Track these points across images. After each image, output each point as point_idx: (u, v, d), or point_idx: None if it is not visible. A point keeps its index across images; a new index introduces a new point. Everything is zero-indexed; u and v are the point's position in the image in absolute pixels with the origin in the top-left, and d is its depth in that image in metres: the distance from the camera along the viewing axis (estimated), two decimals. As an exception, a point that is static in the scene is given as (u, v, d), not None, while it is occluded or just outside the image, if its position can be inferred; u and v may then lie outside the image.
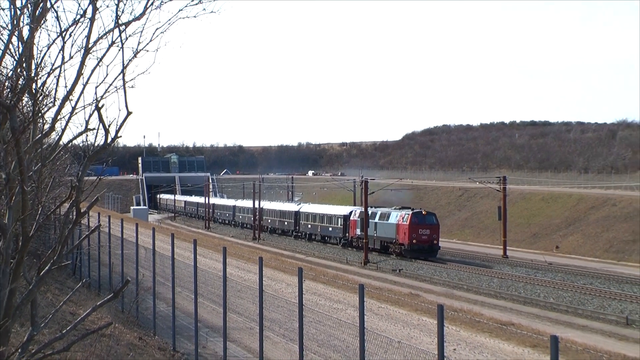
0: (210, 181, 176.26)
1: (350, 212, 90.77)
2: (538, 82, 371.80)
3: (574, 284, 59.36)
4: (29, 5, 11.17)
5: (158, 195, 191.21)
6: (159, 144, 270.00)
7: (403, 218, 77.29)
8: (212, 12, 12.18)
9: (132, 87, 11.49)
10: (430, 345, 17.97)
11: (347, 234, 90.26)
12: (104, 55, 11.52)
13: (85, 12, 11.49)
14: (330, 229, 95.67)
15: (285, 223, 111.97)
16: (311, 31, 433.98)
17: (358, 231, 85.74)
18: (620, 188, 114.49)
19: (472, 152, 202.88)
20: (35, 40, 11.33)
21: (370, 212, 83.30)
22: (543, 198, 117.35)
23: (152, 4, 11.69)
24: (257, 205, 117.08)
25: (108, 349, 19.30)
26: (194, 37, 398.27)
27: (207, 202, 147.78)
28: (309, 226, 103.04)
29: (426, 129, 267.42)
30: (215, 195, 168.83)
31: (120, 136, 11.48)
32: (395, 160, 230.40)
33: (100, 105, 11.19)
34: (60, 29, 11.56)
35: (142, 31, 11.65)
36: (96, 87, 11.40)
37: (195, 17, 12.07)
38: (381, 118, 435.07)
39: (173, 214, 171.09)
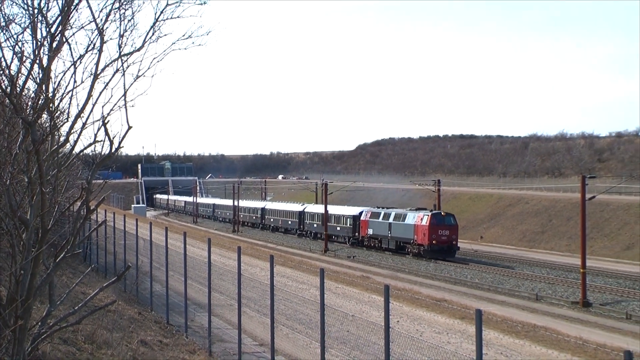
0: (198, 184, 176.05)
1: (361, 213, 79.70)
2: (466, 101, 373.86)
3: (494, 267, 59.76)
4: (47, 39, 11.19)
5: (154, 196, 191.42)
6: (155, 153, 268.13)
7: (422, 219, 66.61)
8: (200, 45, 12.25)
9: (133, 106, 11.53)
10: (378, 318, 18.00)
11: (356, 234, 79.46)
12: (110, 80, 11.56)
13: (94, 44, 11.55)
14: (338, 228, 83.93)
15: (289, 222, 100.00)
16: (280, 55, 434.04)
17: (371, 231, 75.67)
18: (531, 189, 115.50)
19: (413, 160, 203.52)
20: (53, 67, 11.38)
21: (383, 213, 74.47)
22: (470, 197, 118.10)
23: (149, 38, 11.76)
24: (236, 204, 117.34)
25: (113, 322, 19.22)
26: (185, 64, 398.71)
27: (194, 201, 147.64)
28: (315, 226, 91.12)
29: (375, 141, 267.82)
30: (202, 196, 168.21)
31: (123, 147, 11.51)
32: (350, 166, 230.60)
33: (106, 121, 11.22)
34: (73, 58, 11.62)
35: (141, 60, 11.74)
36: (103, 106, 11.46)
37: (186, 49, 12.13)
38: (339, 131, 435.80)
39: (167, 211, 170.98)
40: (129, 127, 11.30)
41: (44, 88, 11.26)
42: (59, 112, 12.35)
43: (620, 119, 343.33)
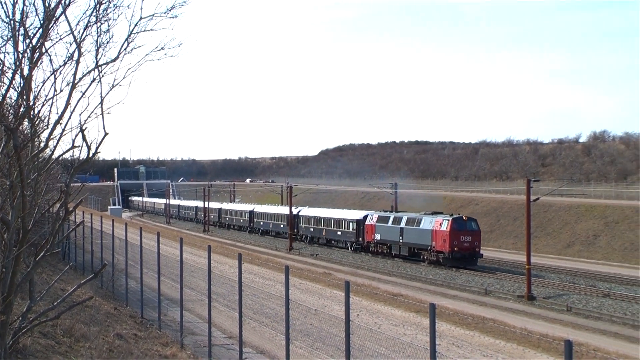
0: (170, 187, 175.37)
1: (365, 217, 71.47)
2: (421, 109, 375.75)
3: (446, 264, 59.95)
4: (28, 50, 11.14)
5: (130, 198, 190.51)
6: (130, 158, 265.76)
7: (441, 224, 57.99)
8: (172, 56, 12.23)
9: (109, 113, 11.50)
10: (339, 312, 18.03)
11: (360, 239, 71.26)
12: (87, 89, 11.52)
13: (72, 55, 11.51)
14: (339, 233, 76.22)
15: (281, 226, 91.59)
16: (247, 65, 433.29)
17: (378, 236, 66.96)
18: (481, 192, 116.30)
19: (372, 165, 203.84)
20: (33, 77, 11.32)
21: (392, 217, 66.17)
22: (424, 199, 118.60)
23: (124, 49, 11.74)
24: (206, 205, 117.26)
25: (90, 316, 19.07)
26: (159, 72, 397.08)
27: (167, 203, 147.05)
28: (311, 229, 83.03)
29: (337, 146, 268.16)
30: (175, 198, 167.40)
31: (99, 152, 11.45)
32: (313, 170, 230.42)
33: (83, 128, 11.18)
34: (53, 68, 11.59)
35: (117, 70, 11.71)
36: (80, 114, 11.42)
37: (159, 59, 12.11)
38: (303, 137, 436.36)
39: (141, 212, 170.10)
40: (106, 134, 11.26)
41: (25, 97, 11.20)
42: (39, 119, 12.36)
43: (561, 126, 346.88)
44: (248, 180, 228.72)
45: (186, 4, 12.06)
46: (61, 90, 11.63)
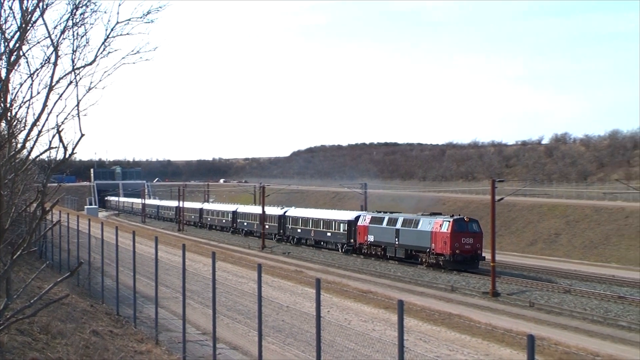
0: (146, 187, 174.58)
1: (357, 217, 67.52)
2: (390, 112, 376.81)
3: (414, 262, 60.01)
4: (6, 53, 11.07)
5: (106, 198, 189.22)
6: (106, 159, 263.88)
7: (441, 225, 54.13)
8: (147, 59, 12.18)
9: (85, 115, 11.42)
10: (311, 308, 18.06)
11: (351, 240, 67.36)
12: (64, 91, 11.44)
13: (49, 58, 11.45)
14: (328, 234, 72.04)
15: (267, 226, 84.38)
16: (222, 68, 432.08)
17: (371, 238, 63.04)
18: (448, 192, 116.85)
19: (342, 165, 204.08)
20: (11, 80, 11.24)
21: (387, 218, 62.19)
22: (393, 199, 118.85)
23: (101, 53, 11.69)
24: (181, 205, 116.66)
25: (67, 314, 18.93)
26: (135, 75, 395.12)
27: (143, 203, 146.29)
28: (299, 230, 78.90)
29: (308, 148, 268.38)
30: (150, 198, 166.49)
31: (76, 153, 11.37)
32: (285, 171, 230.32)
33: (60, 129, 11.09)
34: (30, 71, 11.52)
35: (93, 73, 11.66)
36: (57, 116, 11.35)
37: (134, 63, 12.07)
38: (275, 138, 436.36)
39: (117, 212, 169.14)
40: (82, 135, 11.18)
41: (2, 99, 11.11)
42: (16, 120, 12.30)
43: (525, 129, 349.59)
44: (222, 180, 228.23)
45: (162, 9, 12.02)
46: (38, 93, 11.58)
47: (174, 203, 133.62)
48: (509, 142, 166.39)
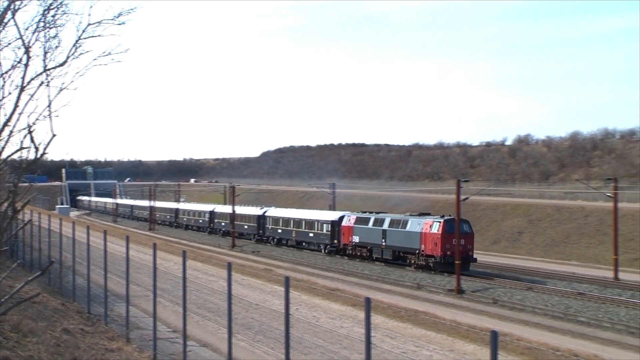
0: (117, 187, 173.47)
1: (341, 218, 64.81)
2: (358, 113, 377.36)
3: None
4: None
5: (78, 198, 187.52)
6: (78, 159, 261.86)
7: (431, 226, 51.70)
8: (119, 61, 12.12)
9: (57, 116, 11.34)
10: (280, 306, 18.05)
11: (335, 241, 64.70)
12: (35, 92, 11.36)
13: (21, 60, 11.35)
14: (311, 234, 69.27)
15: (246, 227, 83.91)
16: (192, 68, 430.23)
17: (357, 239, 60.60)
18: (414, 191, 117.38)
19: (311, 166, 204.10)
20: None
21: (373, 218, 59.70)
22: (361, 199, 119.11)
23: (72, 54, 11.60)
24: (153, 205, 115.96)
25: (38, 312, 18.75)
26: (106, 75, 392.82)
27: (115, 202, 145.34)
28: (279, 231, 76.21)
29: (277, 148, 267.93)
30: (121, 198, 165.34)
31: (47, 153, 11.31)
32: (255, 171, 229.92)
33: (32, 130, 11.01)
34: (1, 72, 11.39)
35: (65, 74, 11.57)
36: (29, 116, 11.28)
37: (106, 64, 12.00)
38: (245, 139, 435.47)
39: (89, 212, 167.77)
40: (54, 135, 11.10)
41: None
42: (-13, 121, 12.10)
43: (489, 130, 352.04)
44: (192, 180, 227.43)
45: (133, 11, 11.96)
46: (10, 93, 11.49)
47: (148, 203, 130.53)
48: (474, 143, 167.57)
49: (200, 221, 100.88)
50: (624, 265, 55.79)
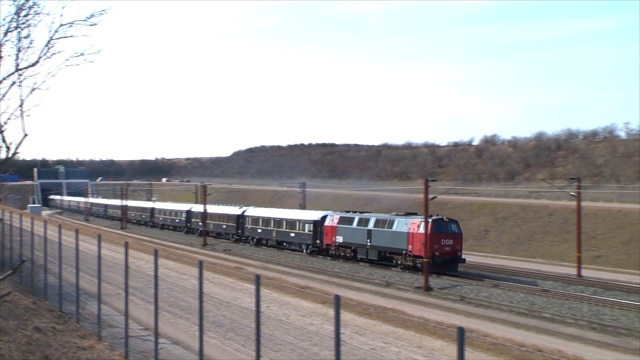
0: (89, 186, 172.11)
1: (324, 217, 62.65)
2: (328, 113, 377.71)
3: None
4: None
5: (49, 197, 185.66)
6: (50, 158, 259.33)
7: (419, 226, 49.49)
8: (91, 61, 12.05)
9: (29, 115, 11.24)
10: (250, 304, 18.01)
11: (317, 241, 62.87)
12: (7, 92, 11.26)
13: (-9, 59, 11.22)
14: (292, 234, 67.34)
15: (224, 226, 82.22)
16: (163, 68, 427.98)
17: (340, 239, 58.57)
18: (383, 191, 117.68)
19: (281, 165, 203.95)
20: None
21: (357, 218, 57.62)
22: (331, 198, 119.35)
23: (44, 54, 11.51)
24: (124, 204, 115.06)
25: (9, 311, 18.57)
26: (78, 76, 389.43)
27: (88, 202, 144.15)
28: (259, 231, 73.98)
29: (249, 148, 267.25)
30: (93, 197, 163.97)
31: (19, 152, 11.22)
32: (227, 170, 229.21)
33: (3, 129, 10.91)
34: (-27, 72, 11.26)
35: (37, 74, 11.49)
36: (0, 116, 11.13)
37: (78, 65, 11.92)
38: (216, 139, 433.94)
39: (61, 211, 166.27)
40: (25, 135, 11.01)
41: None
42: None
43: (457, 131, 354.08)
44: (164, 179, 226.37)
45: (106, 12, 11.89)
46: (-19, 93, 11.34)
47: (122, 202, 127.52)
48: (442, 143, 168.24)
49: (177, 221, 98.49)
50: (586, 263, 56.44)
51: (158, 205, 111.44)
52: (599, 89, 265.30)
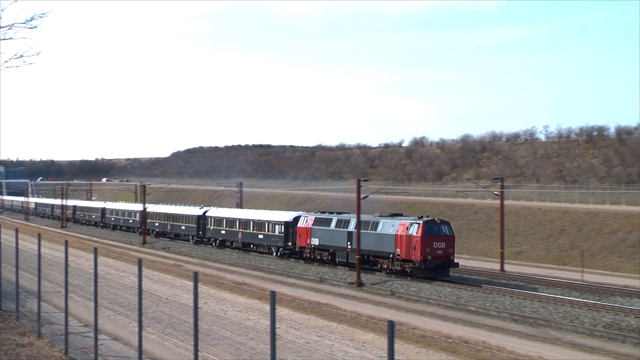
0: (29, 186, 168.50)
1: (296, 218, 57.35)
2: (265, 115, 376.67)
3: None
4: None
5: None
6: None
7: (408, 228, 44.79)
8: (30, 63, 11.83)
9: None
10: (189, 300, 17.88)
11: (289, 243, 57.76)
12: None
13: None
14: (260, 236, 61.79)
15: (183, 227, 76.80)
16: (103, 70, 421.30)
17: (316, 241, 53.36)
18: (318, 190, 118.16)
19: (219, 165, 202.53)
20: None
21: (336, 219, 52.63)
22: (267, 197, 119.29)
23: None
24: (66, 203, 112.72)
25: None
26: (15, 78, 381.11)
27: (26, 201, 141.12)
28: (223, 232, 68.86)
29: (187, 149, 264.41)
30: (33, 196, 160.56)
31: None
32: (166, 170, 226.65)
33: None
34: None
35: (-25, 76, 11.20)
36: None
37: (17, 67, 11.69)
38: (156, 139, 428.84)
39: (1, 210, 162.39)
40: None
41: None
42: None
43: (388, 132, 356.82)
44: (104, 179, 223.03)
45: (46, 15, 11.68)
46: None
47: (70, 202, 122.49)
48: (373, 144, 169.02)
49: (131, 221, 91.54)
50: (509, 258, 57.58)
51: (110, 205, 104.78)
52: (521, 94, 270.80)
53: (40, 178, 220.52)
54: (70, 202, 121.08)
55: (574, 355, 25.87)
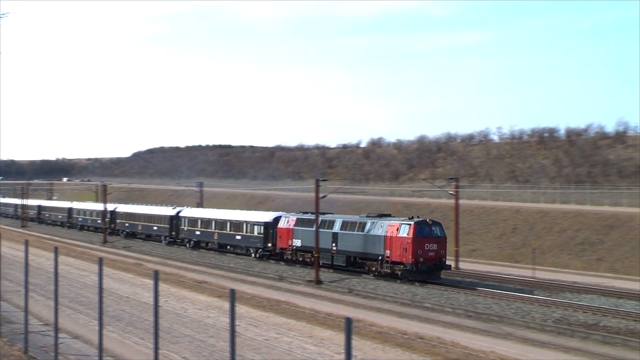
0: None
1: (277, 219, 55.05)
2: (224, 116, 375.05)
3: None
4: None
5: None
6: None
7: (399, 229, 42.46)
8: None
9: None
10: (149, 298, 17.78)
11: (269, 244, 55.17)
12: None
13: None
14: (238, 237, 59.02)
15: (155, 228, 73.82)
16: (67, 67, 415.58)
17: (298, 242, 50.87)
18: (277, 190, 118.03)
19: (180, 165, 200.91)
20: None
21: (319, 220, 48.00)
22: (227, 197, 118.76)
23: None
24: (27, 203, 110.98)
25: None
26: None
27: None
28: (197, 233, 65.77)
29: (148, 149, 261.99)
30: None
31: None
32: (127, 170, 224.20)
33: None
34: None
35: None
36: None
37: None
38: (117, 139, 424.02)
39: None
40: None
41: None
42: None
43: (346, 133, 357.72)
44: (65, 179, 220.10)
45: (5, 16, 11.50)
46: None
47: (35, 202, 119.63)
48: (332, 145, 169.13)
49: (99, 221, 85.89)
50: (464, 256, 58.09)
51: (77, 205, 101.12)
52: (475, 96, 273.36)
53: (0, 178, 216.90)
54: (36, 202, 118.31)
55: (525, 349, 26.24)
